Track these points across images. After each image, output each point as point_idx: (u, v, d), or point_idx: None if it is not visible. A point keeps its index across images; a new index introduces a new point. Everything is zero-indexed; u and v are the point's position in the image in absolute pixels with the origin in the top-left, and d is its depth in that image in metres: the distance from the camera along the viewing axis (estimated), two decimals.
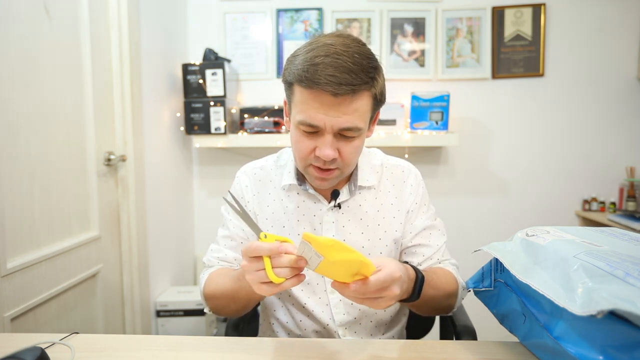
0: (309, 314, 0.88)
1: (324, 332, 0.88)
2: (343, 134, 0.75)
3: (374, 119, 0.82)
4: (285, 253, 0.59)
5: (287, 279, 0.60)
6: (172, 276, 1.99)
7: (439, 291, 0.79)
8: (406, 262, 0.75)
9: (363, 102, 0.73)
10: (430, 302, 0.79)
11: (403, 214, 0.91)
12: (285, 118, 0.85)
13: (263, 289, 0.62)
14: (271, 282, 0.60)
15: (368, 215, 0.89)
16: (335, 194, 0.87)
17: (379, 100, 0.77)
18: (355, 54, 0.70)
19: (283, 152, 0.97)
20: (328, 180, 0.80)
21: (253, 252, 0.60)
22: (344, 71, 0.69)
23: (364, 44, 0.74)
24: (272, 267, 0.60)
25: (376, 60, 0.74)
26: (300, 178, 0.88)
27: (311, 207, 0.88)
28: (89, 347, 0.69)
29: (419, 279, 0.72)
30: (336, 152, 0.75)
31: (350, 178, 0.89)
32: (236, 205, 0.66)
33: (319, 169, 0.78)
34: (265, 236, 0.63)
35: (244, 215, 0.66)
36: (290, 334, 0.91)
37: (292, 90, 0.75)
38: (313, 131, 0.74)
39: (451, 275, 0.85)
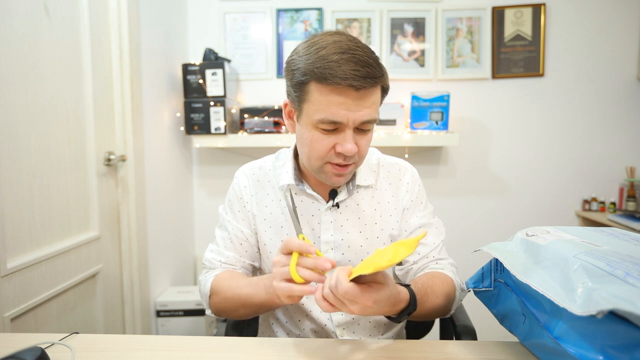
0: (307, 314, 0.88)
1: (322, 332, 0.88)
2: (361, 128, 0.75)
3: None
4: (315, 254, 0.63)
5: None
6: (172, 276, 1.99)
7: (432, 305, 0.76)
8: (407, 285, 0.71)
9: (377, 94, 0.75)
10: (424, 317, 0.79)
11: (399, 212, 0.91)
12: (288, 121, 0.83)
13: (281, 287, 0.64)
14: (292, 280, 0.63)
15: (366, 214, 0.89)
16: (333, 194, 0.87)
17: (384, 91, 0.78)
18: (365, 48, 0.72)
19: (281, 152, 0.96)
20: (344, 176, 0.80)
21: (284, 247, 0.65)
22: (364, 65, 0.69)
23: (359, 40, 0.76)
24: (297, 265, 0.63)
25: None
26: (299, 178, 0.88)
27: (309, 207, 0.88)
28: (89, 347, 0.69)
29: (410, 306, 0.68)
30: (356, 146, 0.75)
31: None
32: (290, 200, 0.77)
33: (338, 165, 0.78)
34: (304, 238, 0.67)
35: (293, 212, 0.74)
36: (289, 333, 0.91)
37: (305, 89, 0.73)
38: (333, 128, 0.74)
39: (448, 282, 0.82)
